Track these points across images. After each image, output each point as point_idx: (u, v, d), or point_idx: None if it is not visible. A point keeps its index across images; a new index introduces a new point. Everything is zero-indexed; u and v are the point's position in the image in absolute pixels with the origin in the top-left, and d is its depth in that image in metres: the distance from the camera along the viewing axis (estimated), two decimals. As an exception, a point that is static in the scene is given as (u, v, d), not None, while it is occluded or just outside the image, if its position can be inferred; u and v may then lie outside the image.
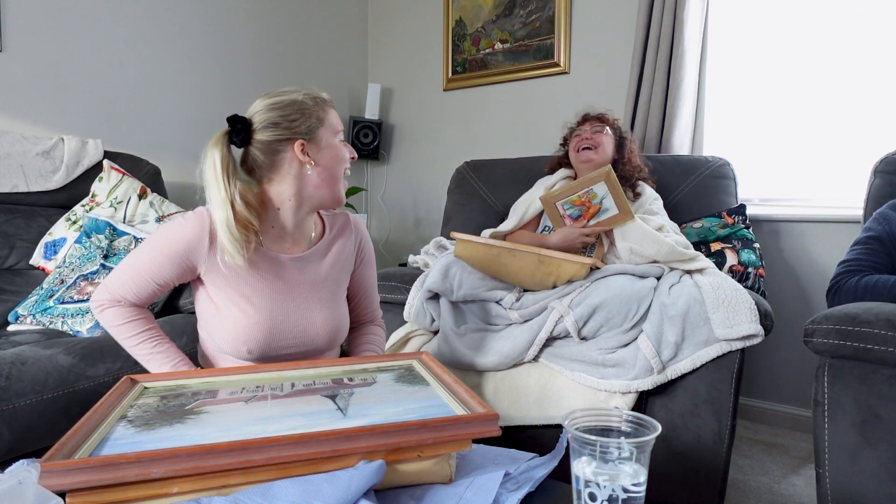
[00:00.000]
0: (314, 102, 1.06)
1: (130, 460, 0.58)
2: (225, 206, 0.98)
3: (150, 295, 1.05)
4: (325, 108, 1.07)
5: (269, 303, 1.04)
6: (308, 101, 1.05)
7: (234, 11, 2.61)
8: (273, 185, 1.05)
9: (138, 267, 1.03)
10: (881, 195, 1.58)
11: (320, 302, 1.10)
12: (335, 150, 1.07)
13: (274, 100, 1.04)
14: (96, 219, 1.74)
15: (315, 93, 1.08)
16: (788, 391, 2.12)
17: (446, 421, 0.68)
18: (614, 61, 2.47)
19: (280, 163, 1.04)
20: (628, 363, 1.32)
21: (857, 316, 1.06)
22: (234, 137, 1.02)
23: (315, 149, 1.05)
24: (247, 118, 1.03)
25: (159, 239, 1.03)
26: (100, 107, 2.15)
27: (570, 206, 1.61)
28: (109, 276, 1.05)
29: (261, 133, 1.02)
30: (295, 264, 1.08)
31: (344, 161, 1.09)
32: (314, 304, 1.09)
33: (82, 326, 1.50)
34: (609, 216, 1.57)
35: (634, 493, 0.58)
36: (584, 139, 1.79)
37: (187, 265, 1.02)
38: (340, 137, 1.10)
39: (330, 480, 0.62)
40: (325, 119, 1.06)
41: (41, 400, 1.18)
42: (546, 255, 1.41)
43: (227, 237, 0.98)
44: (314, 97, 1.06)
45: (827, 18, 2.06)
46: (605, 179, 1.54)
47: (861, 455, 1.03)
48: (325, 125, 1.06)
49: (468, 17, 2.88)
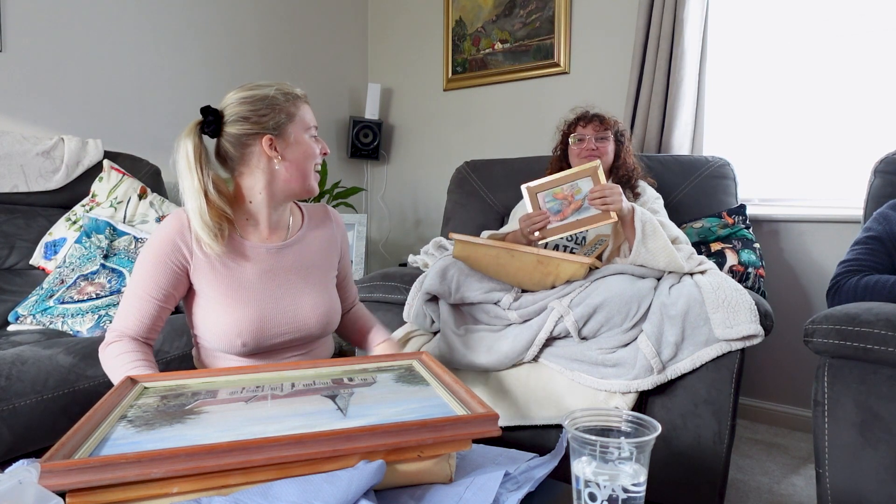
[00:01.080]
0: (285, 98, 1.06)
1: (130, 460, 0.58)
2: (198, 195, 1.00)
3: (153, 317, 1.03)
4: (296, 103, 1.08)
5: (256, 293, 1.06)
6: (279, 96, 1.05)
7: (234, 12, 2.61)
8: (244, 178, 1.08)
9: (133, 289, 1.03)
10: (881, 195, 1.58)
11: (308, 287, 1.12)
12: (304, 146, 1.08)
13: (246, 94, 1.05)
14: (96, 219, 1.74)
15: (288, 88, 1.08)
16: (788, 391, 2.12)
17: (446, 421, 0.68)
18: (614, 61, 2.47)
19: (249, 156, 1.06)
20: (628, 363, 1.31)
21: (857, 316, 1.06)
22: (205, 128, 1.03)
23: (283, 144, 1.06)
24: (219, 110, 1.05)
25: (144, 253, 1.04)
26: (100, 107, 2.15)
27: (552, 199, 1.55)
28: (114, 318, 1.06)
29: (231, 126, 1.04)
30: (277, 252, 1.10)
31: (313, 157, 1.10)
32: (302, 289, 1.11)
33: (82, 326, 1.50)
34: (590, 215, 1.49)
35: (634, 493, 0.58)
36: (588, 148, 1.74)
37: (177, 266, 1.03)
38: (312, 133, 1.10)
39: (330, 480, 0.62)
40: (295, 115, 1.07)
41: (41, 400, 1.18)
42: (545, 255, 1.41)
43: (200, 225, 1.00)
44: (286, 92, 1.07)
45: (827, 18, 2.06)
46: (592, 175, 1.49)
47: (861, 455, 1.03)
48: (294, 121, 1.07)
49: (468, 17, 2.88)
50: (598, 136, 1.75)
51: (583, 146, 1.75)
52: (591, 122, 1.77)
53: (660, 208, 1.71)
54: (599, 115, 1.77)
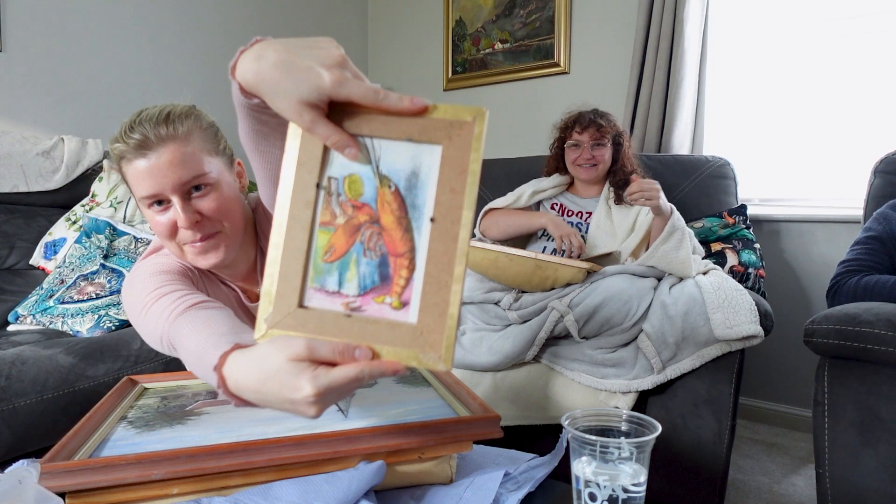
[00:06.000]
0: (115, 155, 0.80)
1: (130, 461, 0.58)
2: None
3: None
4: (127, 161, 0.79)
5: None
6: (114, 147, 0.80)
7: (234, 12, 2.61)
8: None
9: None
10: (881, 195, 1.58)
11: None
12: (149, 220, 0.82)
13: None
14: (96, 219, 1.74)
15: (123, 133, 0.78)
16: (788, 391, 2.12)
17: (448, 422, 0.68)
18: (614, 61, 2.47)
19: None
20: (628, 363, 1.32)
21: (857, 316, 1.06)
22: None
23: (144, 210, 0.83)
24: None
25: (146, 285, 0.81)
26: (100, 107, 2.15)
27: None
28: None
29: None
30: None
31: (162, 234, 0.82)
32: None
33: (82, 326, 1.50)
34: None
35: (634, 493, 0.58)
36: (584, 157, 1.72)
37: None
38: (150, 202, 0.80)
39: (330, 481, 0.62)
40: (126, 178, 0.81)
41: (41, 400, 1.18)
42: (543, 259, 1.41)
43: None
44: (111, 146, 0.80)
45: (827, 18, 2.06)
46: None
47: (861, 455, 1.04)
48: (130, 186, 0.82)
49: (468, 17, 2.88)
50: (595, 143, 1.72)
51: (579, 153, 1.74)
52: (587, 129, 1.72)
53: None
54: (596, 122, 1.71)
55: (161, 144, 0.77)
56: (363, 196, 0.54)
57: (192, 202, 0.80)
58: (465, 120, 0.52)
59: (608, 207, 1.73)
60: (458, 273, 0.51)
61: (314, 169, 0.54)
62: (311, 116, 0.51)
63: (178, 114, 0.81)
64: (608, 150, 1.74)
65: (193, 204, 0.80)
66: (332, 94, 0.50)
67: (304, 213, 0.54)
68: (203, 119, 0.85)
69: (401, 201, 0.53)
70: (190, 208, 0.79)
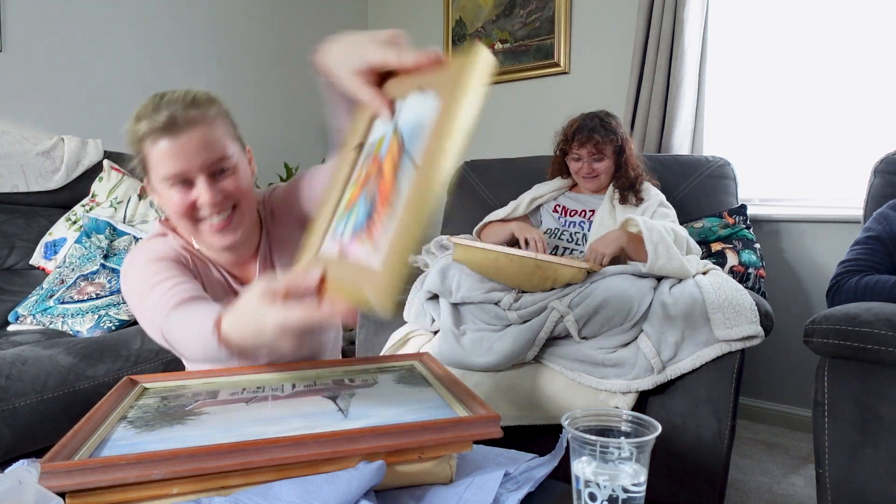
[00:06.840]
0: (136, 136, 0.82)
1: (130, 461, 0.58)
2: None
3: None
4: (149, 140, 0.81)
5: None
6: (134, 129, 0.82)
7: (234, 11, 2.61)
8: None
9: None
10: (881, 195, 1.58)
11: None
12: (164, 200, 0.86)
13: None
14: (96, 219, 1.74)
15: (147, 114, 0.80)
16: (788, 391, 2.12)
17: (448, 422, 0.68)
18: (614, 61, 2.47)
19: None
20: (628, 363, 1.31)
21: (857, 316, 1.06)
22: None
23: (154, 195, 0.89)
24: None
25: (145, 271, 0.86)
26: (100, 107, 2.15)
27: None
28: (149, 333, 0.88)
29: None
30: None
31: (178, 213, 0.85)
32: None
33: (82, 326, 1.50)
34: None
35: (634, 493, 0.58)
36: (584, 171, 1.77)
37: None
38: (172, 183, 0.83)
39: (330, 481, 0.62)
40: (147, 159, 0.84)
41: (41, 400, 1.18)
42: (543, 259, 1.42)
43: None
44: (141, 119, 0.81)
45: (827, 18, 2.06)
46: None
47: (861, 455, 1.04)
48: (149, 166, 0.84)
49: (468, 17, 2.88)
50: (594, 158, 1.75)
51: (580, 166, 1.78)
52: (584, 146, 1.73)
53: (670, 211, 1.71)
54: (594, 138, 1.70)
55: (189, 127, 0.81)
56: (381, 151, 0.59)
57: (217, 183, 0.85)
58: (462, 69, 0.53)
59: (612, 206, 1.75)
60: (422, 219, 0.50)
61: (359, 134, 0.63)
62: (358, 82, 0.59)
63: (203, 99, 0.85)
64: (608, 162, 1.76)
65: (218, 184, 0.85)
66: (371, 62, 0.57)
67: (342, 173, 0.63)
68: (223, 106, 0.89)
69: (401, 149, 0.56)
70: (216, 187, 0.84)
